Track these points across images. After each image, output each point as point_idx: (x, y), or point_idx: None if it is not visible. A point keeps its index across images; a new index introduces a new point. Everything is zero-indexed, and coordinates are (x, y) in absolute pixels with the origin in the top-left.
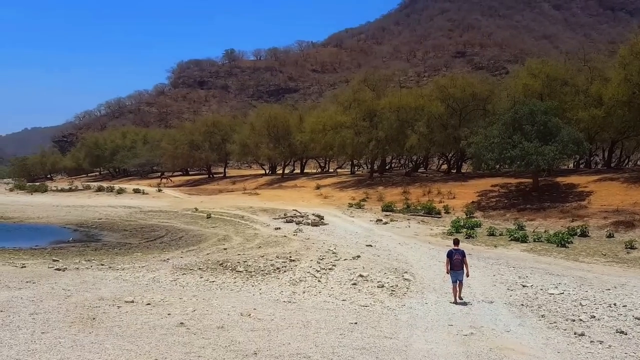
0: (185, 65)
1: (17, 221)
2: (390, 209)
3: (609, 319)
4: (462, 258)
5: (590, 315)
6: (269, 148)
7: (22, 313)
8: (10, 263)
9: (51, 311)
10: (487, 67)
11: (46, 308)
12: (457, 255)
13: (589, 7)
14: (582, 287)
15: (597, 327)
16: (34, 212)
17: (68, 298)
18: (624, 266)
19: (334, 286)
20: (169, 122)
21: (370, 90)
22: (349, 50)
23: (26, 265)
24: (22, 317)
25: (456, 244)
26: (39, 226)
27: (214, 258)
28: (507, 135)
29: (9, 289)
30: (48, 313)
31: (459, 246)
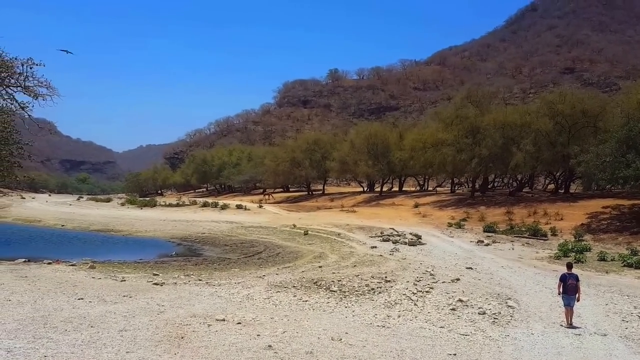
0: (291, 85)
1: (125, 234)
2: (492, 229)
3: None
4: (577, 282)
5: None
6: (368, 165)
7: (111, 329)
8: (111, 276)
9: (141, 328)
10: (597, 84)
11: (137, 325)
12: (572, 280)
13: None
14: None
15: None
16: (142, 225)
17: (160, 314)
18: None
19: (431, 311)
20: (273, 140)
21: (473, 106)
22: (452, 67)
23: (126, 279)
24: (111, 334)
25: (569, 268)
26: (146, 239)
27: (309, 276)
28: (620, 153)
29: (104, 303)
30: (137, 330)
31: (572, 270)
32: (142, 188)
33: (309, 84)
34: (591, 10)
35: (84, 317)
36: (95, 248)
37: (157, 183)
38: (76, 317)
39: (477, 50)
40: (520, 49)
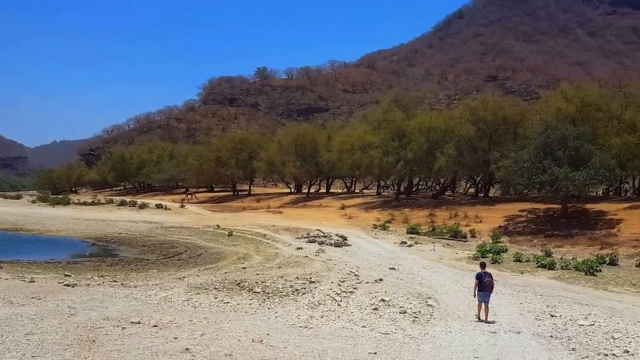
0: (217, 82)
1: (36, 233)
2: (415, 231)
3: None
4: (492, 280)
5: (623, 349)
6: (296, 166)
7: (17, 333)
8: (19, 277)
9: (49, 331)
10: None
11: (45, 328)
12: (488, 278)
13: (624, 34)
14: (613, 319)
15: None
16: (54, 224)
17: (71, 317)
18: None
19: (354, 311)
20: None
21: (400, 110)
22: (381, 71)
23: (35, 280)
24: (16, 338)
25: (483, 267)
26: (58, 239)
27: (232, 277)
28: (537, 159)
29: (11, 305)
30: (45, 334)
31: (485, 269)
32: (55, 185)
33: (236, 82)
34: (515, 20)
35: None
36: (2, 247)
37: (71, 180)
38: None
39: (405, 55)
40: (447, 55)
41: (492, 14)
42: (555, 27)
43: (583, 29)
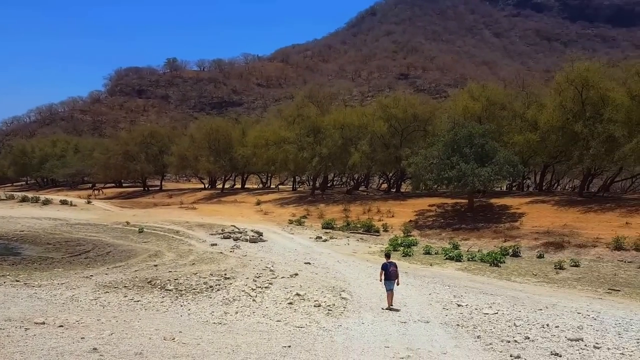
0: (124, 73)
1: None
2: (330, 226)
3: (542, 340)
4: (396, 270)
5: (524, 336)
6: (209, 161)
7: None
8: None
9: None
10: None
11: None
12: (392, 268)
13: (527, 36)
14: (516, 307)
15: (532, 348)
16: None
17: None
18: (554, 286)
19: (269, 306)
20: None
21: (314, 106)
22: (295, 66)
23: None
24: None
25: (388, 257)
26: None
27: (142, 275)
28: (446, 156)
29: None
30: None
31: (390, 259)
32: None
33: (145, 73)
34: (425, 19)
35: None
36: None
37: None
38: None
39: (319, 51)
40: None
41: (404, 13)
42: (463, 27)
43: (489, 29)
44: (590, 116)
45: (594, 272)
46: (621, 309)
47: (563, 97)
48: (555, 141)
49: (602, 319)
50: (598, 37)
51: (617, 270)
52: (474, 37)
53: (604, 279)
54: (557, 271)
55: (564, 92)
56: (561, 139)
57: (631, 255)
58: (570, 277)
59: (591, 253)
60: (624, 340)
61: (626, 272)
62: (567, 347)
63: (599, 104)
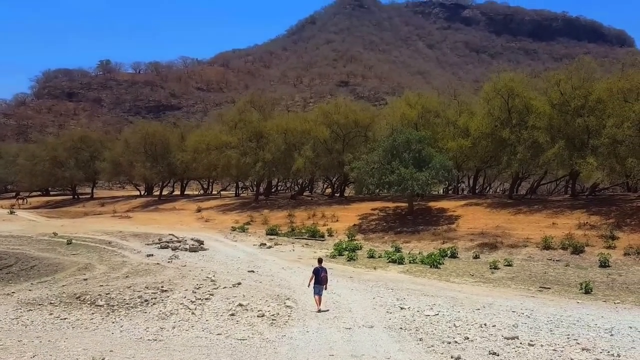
0: (53, 75)
1: None
2: (275, 232)
3: (481, 340)
4: (327, 275)
5: (464, 336)
6: (145, 167)
7: None
8: None
9: None
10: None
11: None
12: (323, 273)
13: (457, 48)
14: (455, 308)
15: (472, 349)
16: None
17: None
18: (490, 286)
19: (209, 318)
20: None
21: (256, 111)
22: (236, 71)
23: None
24: None
25: (320, 262)
26: None
27: (71, 290)
28: (386, 161)
29: None
30: None
31: (322, 264)
32: None
33: (75, 75)
34: (363, 29)
35: None
36: None
37: None
38: None
39: (261, 56)
40: (301, 59)
41: (342, 22)
42: (398, 38)
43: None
44: (516, 123)
45: (526, 271)
46: (552, 306)
47: (491, 106)
48: (486, 147)
49: (535, 316)
50: (521, 50)
51: (547, 269)
52: (408, 47)
53: (536, 277)
54: (492, 271)
55: (491, 100)
56: (491, 145)
57: (559, 254)
58: (505, 276)
59: (523, 253)
60: (556, 337)
61: (555, 270)
62: (504, 345)
63: (524, 112)
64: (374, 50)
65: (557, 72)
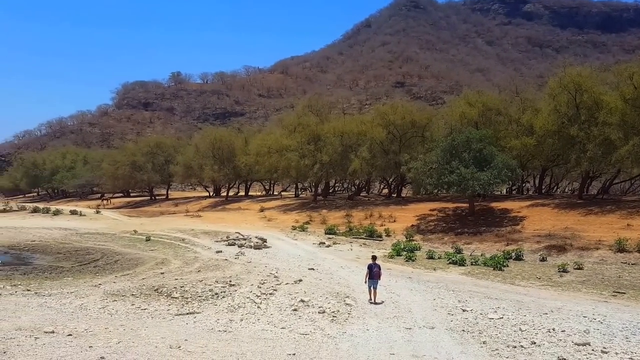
0: (130, 87)
1: None
2: (333, 232)
3: (549, 345)
4: (380, 270)
5: (530, 341)
6: (213, 170)
7: None
8: None
9: None
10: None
11: None
12: (376, 269)
13: (519, 44)
14: (521, 311)
15: (539, 354)
16: None
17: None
18: (558, 289)
19: (273, 312)
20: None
21: (314, 115)
22: (295, 77)
23: None
24: None
25: (374, 259)
26: None
27: (149, 283)
28: (444, 161)
29: None
30: None
31: (376, 261)
32: None
33: (150, 86)
34: (419, 30)
35: None
36: None
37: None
38: None
39: (318, 62)
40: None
41: (398, 24)
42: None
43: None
44: (585, 120)
45: (598, 274)
46: (627, 312)
47: (557, 102)
48: (552, 145)
49: (608, 322)
50: (589, 43)
51: (622, 273)
52: (466, 45)
53: (609, 281)
54: (560, 274)
55: (557, 96)
56: (557, 143)
57: (634, 257)
58: (575, 280)
59: (594, 255)
60: (632, 345)
61: (630, 275)
62: (574, 352)
63: (593, 108)
64: (431, 50)
65: (630, 64)
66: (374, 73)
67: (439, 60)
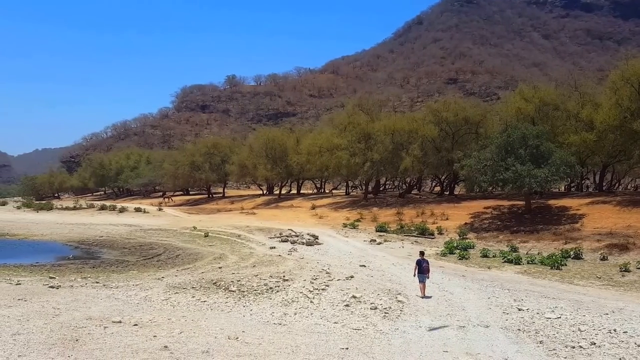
0: (189, 90)
1: (21, 238)
2: (384, 229)
3: (610, 346)
4: (428, 265)
5: (590, 341)
6: (267, 169)
7: (4, 334)
8: (6, 280)
9: (35, 332)
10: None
11: (31, 328)
12: (425, 264)
13: (577, 36)
14: (580, 311)
15: (599, 355)
16: (39, 229)
17: (56, 317)
18: (620, 290)
19: (326, 307)
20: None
21: (364, 114)
22: (345, 76)
23: (21, 283)
24: (3, 339)
25: (422, 255)
26: (42, 243)
27: (208, 277)
28: (500, 158)
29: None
30: (31, 334)
31: (423, 256)
32: (39, 192)
33: (207, 89)
34: (472, 25)
35: None
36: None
37: (53, 187)
38: None
39: (368, 61)
40: (408, 60)
41: (450, 20)
42: (511, 31)
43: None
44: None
45: None
46: None
47: (619, 96)
48: (614, 140)
49: None
50: None
51: None
52: (522, 39)
53: None
54: (622, 274)
55: (620, 90)
56: (619, 138)
57: None
58: (638, 280)
59: None
60: None
61: None
62: (637, 353)
63: None
64: (485, 45)
65: None
66: (425, 70)
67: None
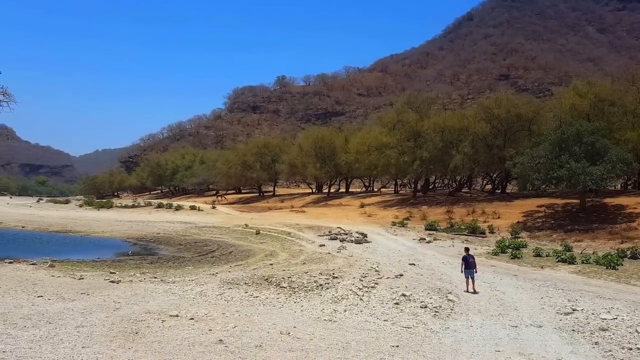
0: (240, 92)
1: (83, 234)
2: (433, 228)
3: None
4: (474, 261)
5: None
6: (316, 168)
7: (68, 326)
8: (70, 275)
9: (97, 324)
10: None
11: (93, 321)
12: (471, 259)
13: (635, 30)
14: (637, 312)
15: None
16: (99, 226)
17: (116, 311)
18: None
19: (375, 305)
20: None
21: (414, 112)
22: (394, 74)
23: (84, 277)
24: (68, 330)
25: (467, 251)
26: (103, 239)
27: (260, 273)
28: (553, 155)
29: (63, 300)
30: (94, 326)
31: (469, 252)
32: (99, 190)
33: (258, 90)
34: (524, 20)
35: (43, 314)
36: (55, 248)
37: (113, 186)
38: (35, 314)
39: (417, 58)
40: (458, 57)
41: (501, 15)
42: (564, 25)
43: (593, 26)
44: None
45: None
46: None
47: None
48: None
49: None
50: None
51: None
52: (576, 34)
53: None
54: None
55: None
56: None
57: None
58: None
59: None
60: None
61: None
62: None
63: None
64: (537, 40)
65: None
66: (476, 67)
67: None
